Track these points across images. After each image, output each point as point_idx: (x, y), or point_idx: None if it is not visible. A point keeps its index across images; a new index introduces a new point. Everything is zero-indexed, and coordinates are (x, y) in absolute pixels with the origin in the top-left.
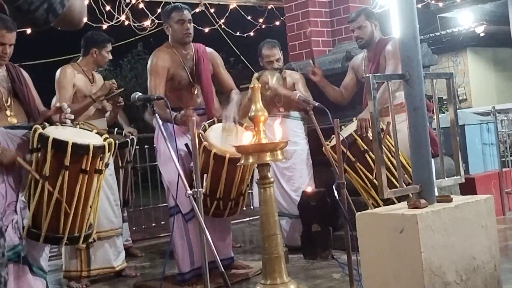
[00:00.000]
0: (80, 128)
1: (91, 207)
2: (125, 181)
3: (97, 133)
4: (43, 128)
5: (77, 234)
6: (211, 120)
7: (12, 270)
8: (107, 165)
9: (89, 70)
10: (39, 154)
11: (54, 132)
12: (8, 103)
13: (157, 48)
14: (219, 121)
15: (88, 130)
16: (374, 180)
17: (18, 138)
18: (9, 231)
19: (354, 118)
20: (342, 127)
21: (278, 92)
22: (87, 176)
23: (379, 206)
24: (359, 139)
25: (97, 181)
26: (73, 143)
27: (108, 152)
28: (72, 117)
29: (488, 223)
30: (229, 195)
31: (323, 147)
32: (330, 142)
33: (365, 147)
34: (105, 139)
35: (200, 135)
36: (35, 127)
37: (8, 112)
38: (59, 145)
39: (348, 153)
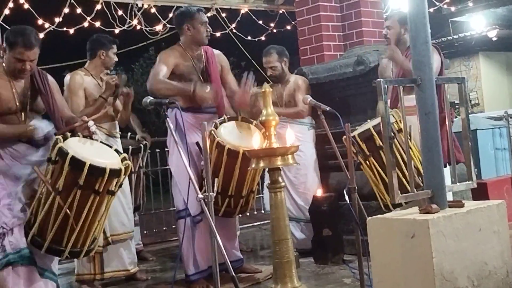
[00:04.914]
0: (101, 142)
1: (98, 222)
2: (137, 186)
3: (115, 150)
4: (65, 139)
5: (79, 248)
6: (222, 118)
7: (22, 273)
8: (120, 185)
9: (98, 73)
10: (55, 167)
11: (74, 147)
12: (23, 118)
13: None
14: (230, 119)
15: (108, 145)
16: (385, 177)
17: (13, 150)
18: (16, 234)
19: (369, 120)
20: (357, 127)
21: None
22: (98, 197)
23: (386, 200)
24: (376, 135)
25: (107, 201)
26: (90, 165)
27: (124, 175)
28: (98, 132)
29: (500, 228)
30: (241, 193)
31: (345, 137)
32: (356, 129)
33: (381, 144)
34: (123, 160)
35: (213, 131)
36: (56, 139)
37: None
38: (77, 164)
39: (364, 147)
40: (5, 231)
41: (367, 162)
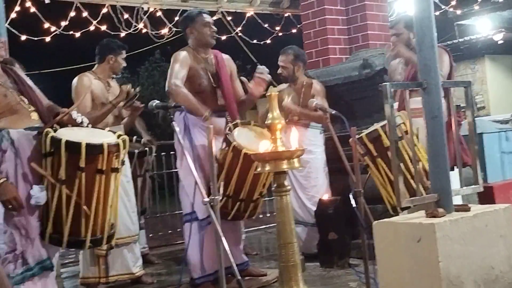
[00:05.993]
0: (92, 127)
1: (111, 206)
2: (142, 190)
3: (109, 130)
4: (55, 131)
5: (100, 235)
6: (235, 122)
7: (39, 282)
8: (123, 162)
9: (105, 77)
10: (53, 158)
11: (66, 134)
12: (26, 102)
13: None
14: (243, 123)
15: (100, 128)
16: (393, 178)
17: (36, 138)
18: (36, 244)
19: (375, 123)
20: (363, 130)
21: (291, 109)
22: (104, 176)
23: (394, 202)
24: (384, 135)
25: (114, 180)
26: (87, 144)
27: (123, 149)
28: (87, 121)
29: (507, 232)
30: (251, 197)
31: (351, 139)
32: (365, 130)
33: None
34: (118, 136)
35: (228, 135)
36: (46, 131)
37: (29, 109)
38: (73, 147)
39: (372, 148)
40: (29, 241)
41: (375, 163)
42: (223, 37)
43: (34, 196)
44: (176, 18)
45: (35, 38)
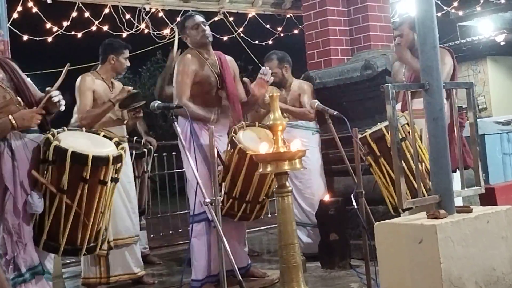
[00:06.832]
0: (86, 131)
1: (106, 214)
2: (141, 191)
3: (104, 136)
4: (53, 136)
5: (94, 243)
6: (240, 124)
7: (33, 284)
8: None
9: (108, 77)
10: (54, 167)
11: (68, 142)
12: (21, 104)
13: (184, 52)
14: (248, 125)
15: (96, 133)
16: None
17: (34, 143)
18: (28, 249)
19: (378, 123)
20: (366, 129)
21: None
22: (105, 187)
23: (395, 202)
24: (388, 135)
25: (112, 189)
26: (93, 157)
27: (124, 159)
28: (63, 102)
29: (508, 234)
30: (258, 198)
31: (355, 140)
32: (368, 130)
33: None
34: (117, 144)
35: (233, 137)
36: (47, 137)
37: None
38: (79, 158)
39: (375, 147)
40: (21, 247)
41: (378, 163)
42: (225, 38)
43: (33, 204)
44: (178, 19)
45: (37, 38)
